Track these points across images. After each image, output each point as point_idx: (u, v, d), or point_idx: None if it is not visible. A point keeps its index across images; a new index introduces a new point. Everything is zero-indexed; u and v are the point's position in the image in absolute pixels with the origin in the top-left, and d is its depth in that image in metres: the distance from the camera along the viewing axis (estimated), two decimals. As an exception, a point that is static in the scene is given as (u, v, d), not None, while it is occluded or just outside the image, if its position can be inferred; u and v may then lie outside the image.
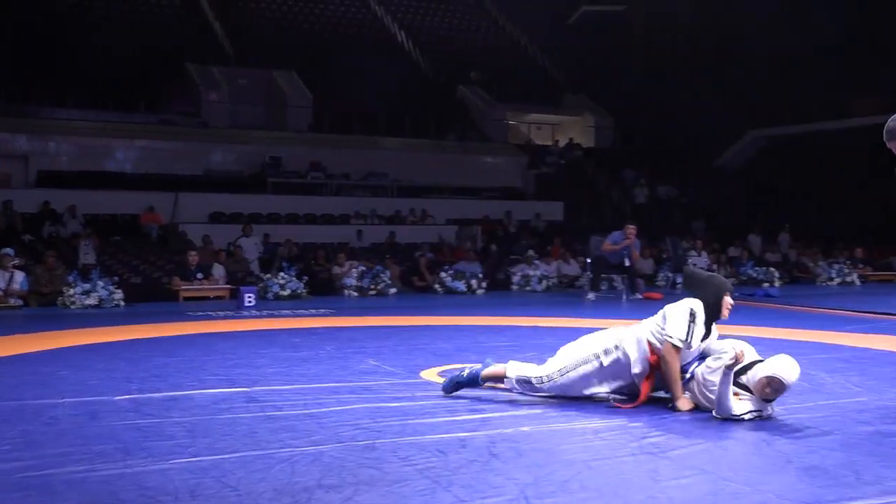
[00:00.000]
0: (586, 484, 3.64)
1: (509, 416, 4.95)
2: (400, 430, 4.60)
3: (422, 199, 23.28)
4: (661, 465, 3.96)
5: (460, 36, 33.44)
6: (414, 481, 3.66)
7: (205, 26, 28.87)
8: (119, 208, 20.29)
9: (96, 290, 12.97)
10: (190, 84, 25.49)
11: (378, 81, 27.08)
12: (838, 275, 18.48)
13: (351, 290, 15.25)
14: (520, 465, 3.92)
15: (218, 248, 16.91)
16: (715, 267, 18.33)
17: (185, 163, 22.83)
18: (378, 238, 20.47)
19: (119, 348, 8.04)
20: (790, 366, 4.86)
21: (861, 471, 3.83)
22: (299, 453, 4.11)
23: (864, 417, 4.93)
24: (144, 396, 5.53)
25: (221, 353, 7.60)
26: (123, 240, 18.28)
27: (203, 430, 4.56)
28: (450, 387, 5.59)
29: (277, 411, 5.07)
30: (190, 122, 24.29)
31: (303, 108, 25.46)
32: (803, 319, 11.07)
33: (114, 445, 4.23)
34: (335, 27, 30.88)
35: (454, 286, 15.90)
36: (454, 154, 25.70)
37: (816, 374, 6.48)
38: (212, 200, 20.90)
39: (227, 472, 3.76)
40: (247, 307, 12.66)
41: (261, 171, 22.95)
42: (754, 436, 4.50)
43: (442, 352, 7.72)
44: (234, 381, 6.10)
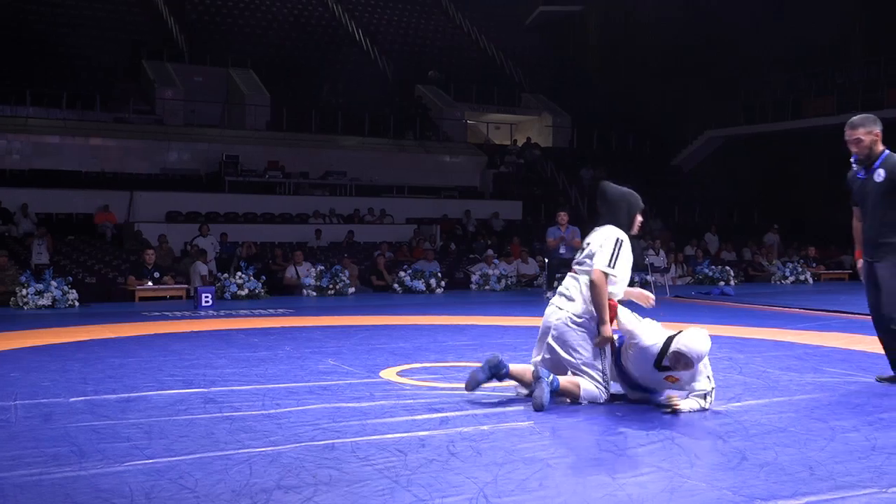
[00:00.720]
0: (545, 482, 3.66)
1: (468, 416, 4.95)
2: (359, 429, 4.59)
3: (380, 199, 23.23)
4: (619, 462, 3.99)
5: (419, 35, 33.44)
6: (373, 481, 3.66)
7: (160, 24, 28.57)
8: (73, 207, 19.99)
9: (50, 290, 12.78)
10: (145, 82, 25.21)
11: (336, 80, 27.01)
12: (792, 273, 18.76)
13: (310, 290, 15.18)
14: (479, 464, 3.93)
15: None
16: (672, 266, 18.52)
17: (141, 161, 22.57)
18: (337, 237, 20.39)
19: (73, 349, 7.93)
20: (696, 337, 4.95)
21: (814, 466, 3.90)
22: (258, 454, 4.08)
23: (818, 414, 5.01)
24: (100, 398, 5.46)
25: (178, 354, 7.52)
26: (77, 239, 18.01)
27: (159, 432, 4.51)
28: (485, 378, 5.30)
29: (235, 412, 5.03)
30: (145, 120, 24.02)
31: (260, 107, 25.29)
32: (758, 317, 11.22)
33: (68, 448, 4.17)
34: (293, 26, 30.71)
35: (413, 286, 15.89)
36: (413, 153, 25.69)
37: (771, 371, 6.58)
38: (168, 199, 20.67)
39: (185, 474, 3.73)
40: (204, 307, 12.54)
41: (218, 170, 22.74)
42: (710, 433, 4.55)
43: (401, 351, 7.72)
44: (191, 382, 6.05)
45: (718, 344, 8.23)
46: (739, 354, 7.54)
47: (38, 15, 25.98)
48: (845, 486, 3.62)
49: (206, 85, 25.85)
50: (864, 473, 3.80)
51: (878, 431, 4.57)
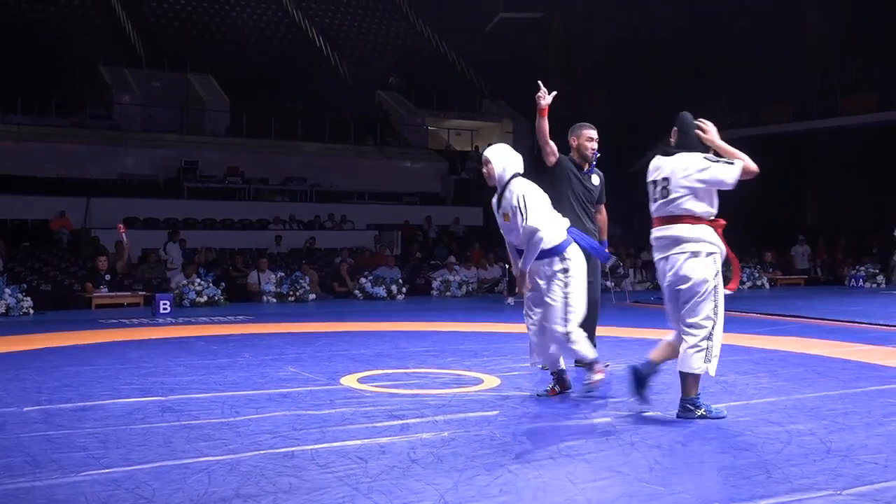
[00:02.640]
0: (505, 488, 3.67)
1: (429, 422, 4.95)
2: (319, 437, 4.57)
3: (341, 205, 23.14)
4: (578, 467, 4.01)
5: (379, 41, 33.41)
6: (334, 489, 3.64)
7: (118, 28, 28.25)
8: (28, 213, 19.67)
9: (3, 297, 12.57)
10: (103, 87, 24.89)
11: (296, 86, 26.88)
12: (749, 278, 18.99)
13: (270, 297, 15.09)
14: (439, 471, 3.93)
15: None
16: (632, 272, 18.66)
17: (98, 167, 22.25)
18: (297, 243, 20.28)
19: (28, 358, 7.80)
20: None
21: (771, 470, 3.95)
22: (216, 462, 4.04)
23: (774, 418, 5.07)
24: (55, 407, 5.38)
25: (136, 362, 7.43)
26: (33, 246, 17.72)
27: (116, 441, 4.46)
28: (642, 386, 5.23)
29: (194, 420, 4.99)
30: (103, 125, 23.68)
31: (220, 112, 25.09)
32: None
33: (22, 458, 4.11)
34: (252, 31, 30.51)
35: (374, 292, 15.86)
36: (374, 159, 25.64)
37: (728, 375, 6.65)
38: (125, 205, 20.38)
39: (142, 483, 3.69)
40: (162, 314, 12.42)
41: (177, 176, 22.52)
42: (669, 438, 4.59)
43: (362, 358, 7.69)
44: (148, 391, 5.98)
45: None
46: (698, 359, 7.60)
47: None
48: (802, 488, 3.67)
49: (164, 90, 25.58)
50: (819, 476, 3.86)
51: (832, 434, 4.64)
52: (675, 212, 5.09)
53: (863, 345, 8.76)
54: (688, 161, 5.09)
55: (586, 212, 6.57)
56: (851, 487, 3.69)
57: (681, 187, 5.06)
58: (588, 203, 6.67)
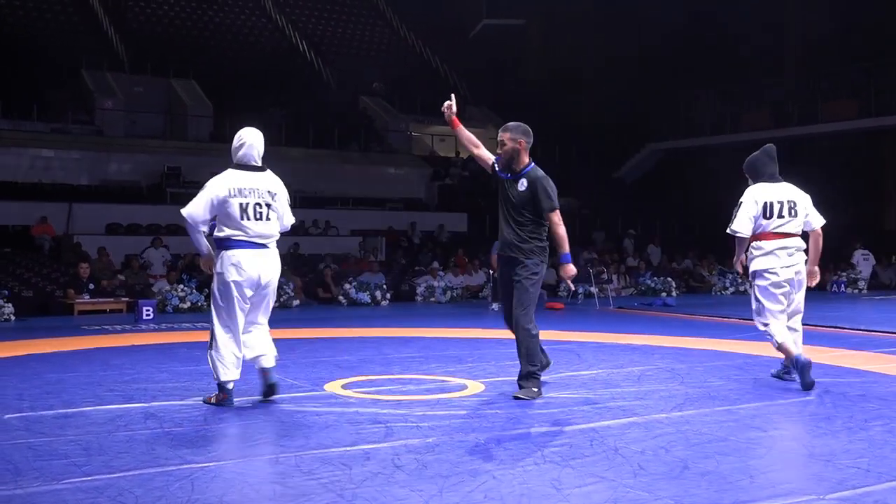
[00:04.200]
0: (490, 494, 3.67)
1: (413, 428, 4.95)
2: (303, 443, 4.56)
3: (325, 210, 23.09)
4: (563, 473, 4.01)
5: (363, 47, 33.40)
6: (318, 495, 3.63)
7: (100, 32, 28.12)
8: (9, 219, 19.51)
9: (-16, 304, 12.48)
10: (84, 91, 24.76)
11: (280, 91, 26.82)
12: (732, 284, 19.08)
13: (253, 303, 15.02)
14: (424, 477, 3.92)
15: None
16: (615, 278, 18.70)
17: (80, 172, 22.12)
18: (281, 249, 20.18)
19: (9, 365, 7.74)
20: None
21: (755, 475, 3.97)
22: (200, 469, 4.03)
23: (757, 423, 5.10)
24: (36, 414, 5.34)
25: (118, 369, 7.39)
26: (14, 252, 17.59)
27: (98, 448, 4.43)
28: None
29: (177, 427, 4.96)
30: (85, 130, 23.56)
31: (203, 118, 25.01)
32: (699, 328, 11.39)
33: (3, 466, 4.08)
34: (236, 36, 30.45)
35: (358, 298, 15.84)
36: (357, 165, 25.61)
37: (712, 380, 6.68)
38: (108, 211, 20.28)
39: (124, 491, 3.67)
40: (145, 321, 12.35)
41: (159, 182, 22.41)
42: (653, 443, 4.60)
43: (346, 364, 7.68)
44: (131, 397, 5.95)
45: (660, 354, 8.35)
46: (681, 364, 7.64)
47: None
48: (784, 493, 3.69)
49: (146, 95, 25.47)
50: (802, 481, 3.89)
51: (815, 439, 4.67)
52: (800, 228, 6.51)
53: (844, 350, 8.83)
54: (800, 190, 6.66)
55: (508, 219, 6.20)
56: (834, 492, 3.71)
57: (805, 209, 6.56)
58: (511, 210, 6.20)
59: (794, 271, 6.41)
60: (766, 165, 6.64)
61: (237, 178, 5.74)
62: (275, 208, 5.79)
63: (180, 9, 30.23)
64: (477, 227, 24.37)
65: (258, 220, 5.69)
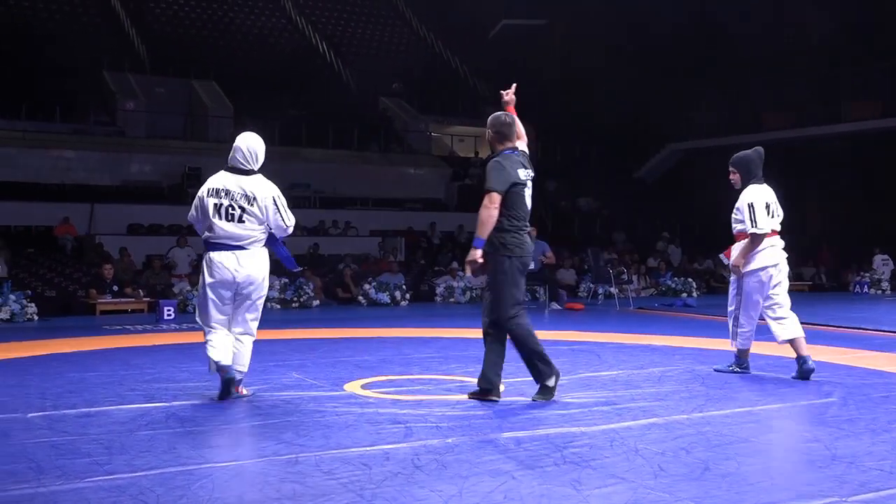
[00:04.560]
0: (510, 494, 3.67)
1: (433, 428, 4.95)
2: (323, 443, 4.57)
3: (345, 211, 23.16)
4: (583, 474, 4.00)
5: (382, 48, 33.47)
6: (338, 495, 3.64)
7: (122, 34, 28.32)
8: (33, 220, 19.71)
9: (8, 304, 12.58)
10: (106, 93, 24.96)
11: (300, 92, 26.92)
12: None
13: (273, 303, 15.10)
14: (443, 477, 3.92)
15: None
16: (635, 278, 18.64)
17: (102, 173, 22.32)
18: (300, 249, 20.29)
19: (32, 364, 7.81)
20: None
21: (776, 476, 3.95)
22: (220, 469, 4.04)
23: (779, 424, 5.07)
24: (59, 413, 5.38)
25: (140, 368, 7.44)
26: (37, 252, 17.76)
27: (120, 447, 4.45)
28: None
29: (198, 426, 4.99)
30: (106, 131, 23.76)
31: (223, 119, 25.15)
32: (720, 329, 11.28)
33: (26, 464, 4.10)
34: (256, 37, 30.59)
35: (378, 298, 15.87)
36: (377, 165, 25.67)
37: (732, 381, 6.65)
38: (129, 211, 20.45)
39: (146, 490, 3.69)
40: (166, 320, 12.43)
41: (180, 182, 22.55)
42: (673, 444, 4.58)
43: (366, 364, 7.69)
44: (153, 397, 5.98)
45: (681, 355, 8.32)
46: (701, 365, 7.61)
47: (-2, 26, 25.68)
48: (806, 495, 3.66)
49: (168, 96, 25.66)
50: (824, 483, 3.85)
51: (838, 441, 4.63)
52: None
53: (867, 351, 8.76)
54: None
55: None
56: (857, 494, 3.67)
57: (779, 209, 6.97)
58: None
59: (785, 266, 7.01)
60: (759, 167, 6.96)
61: (216, 180, 5.90)
62: (251, 212, 5.77)
63: (201, 10, 30.40)
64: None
65: (230, 221, 5.75)
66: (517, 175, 5.73)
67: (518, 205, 5.75)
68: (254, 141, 5.94)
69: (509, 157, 5.82)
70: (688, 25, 26.97)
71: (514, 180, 5.70)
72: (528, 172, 5.87)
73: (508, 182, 5.68)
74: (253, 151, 5.92)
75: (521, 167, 5.82)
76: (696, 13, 26.99)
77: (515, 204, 5.73)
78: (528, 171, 5.88)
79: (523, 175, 5.79)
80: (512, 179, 5.69)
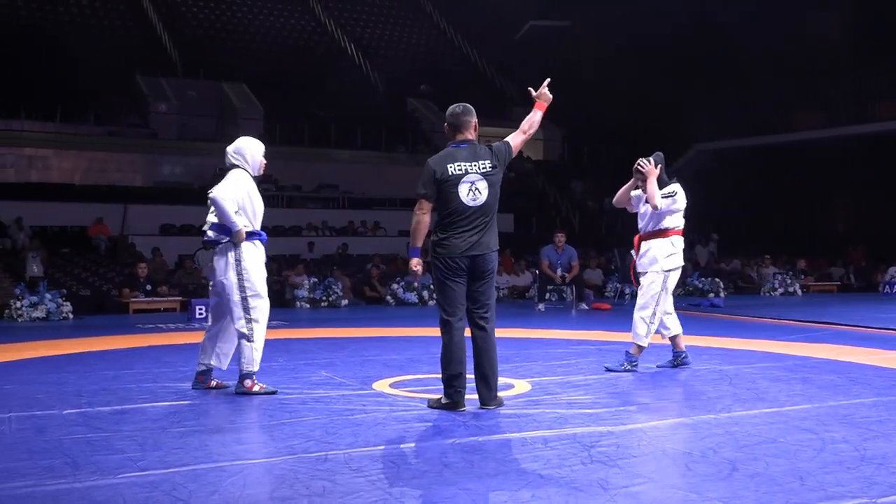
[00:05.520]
0: (537, 493, 3.68)
1: (460, 426, 4.98)
2: (352, 441, 4.62)
3: (373, 211, 23.25)
4: (610, 473, 4.02)
5: (410, 49, 33.53)
6: (366, 492, 3.68)
7: (154, 38, 28.60)
8: (67, 220, 19.99)
9: (44, 302, 12.77)
10: (139, 96, 25.23)
11: (328, 94, 27.04)
12: (781, 285, 18.82)
13: (303, 302, 15.20)
14: (471, 475, 3.95)
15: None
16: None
17: (135, 174, 22.61)
18: (329, 250, 20.40)
19: (67, 361, 7.93)
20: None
21: (805, 477, 3.93)
22: (251, 466, 4.10)
23: (807, 425, 5.05)
24: (94, 410, 5.47)
25: (172, 366, 7.53)
26: (72, 252, 18.01)
27: (153, 444, 4.53)
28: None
29: (229, 424, 5.05)
30: (139, 133, 24.03)
31: (253, 120, 25.31)
32: (748, 329, 11.27)
33: (62, 460, 4.19)
34: (285, 40, 30.77)
35: (406, 298, 15.92)
36: (405, 166, 25.68)
37: (760, 382, 6.62)
38: (161, 212, 20.68)
39: (178, 486, 3.74)
40: (198, 319, 12.55)
41: (211, 183, 22.69)
42: (701, 444, 4.58)
43: (394, 363, 7.74)
44: (184, 394, 6.06)
45: (708, 355, 8.29)
46: (729, 366, 7.58)
47: (32, 29, 26.01)
48: (835, 496, 3.65)
49: (199, 99, 25.88)
50: (853, 483, 3.84)
51: (867, 442, 4.61)
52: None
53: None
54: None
55: None
56: (886, 496, 3.65)
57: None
58: None
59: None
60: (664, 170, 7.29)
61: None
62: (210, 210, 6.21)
63: (231, 14, 30.62)
64: (523, 227, 24.35)
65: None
66: (445, 171, 5.47)
67: (447, 202, 5.47)
68: (238, 141, 6.67)
69: (449, 152, 5.61)
70: (718, 26, 26.78)
71: (441, 177, 5.46)
72: (471, 166, 5.53)
73: (431, 183, 5.48)
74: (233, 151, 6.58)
75: (457, 161, 5.54)
76: (728, 14, 26.77)
77: (445, 202, 5.48)
78: (472, 163, 5.54)
79: (455, 169, 5.50)
80: (436, 178, 5.47)
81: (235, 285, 6.02)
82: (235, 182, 6.16)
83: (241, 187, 6.18)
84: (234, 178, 6.19)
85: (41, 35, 25.63)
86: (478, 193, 5.48)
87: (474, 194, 5.47)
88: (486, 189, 5.50)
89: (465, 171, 5.50)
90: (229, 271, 6.01)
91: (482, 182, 5.51)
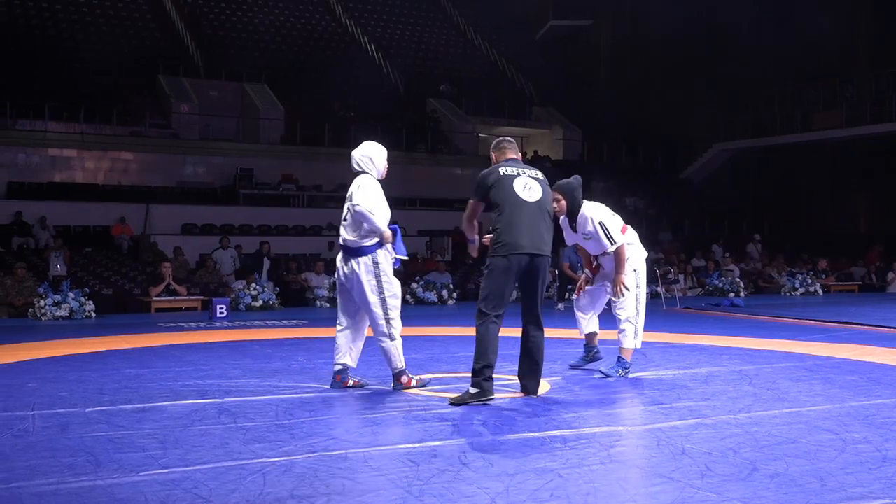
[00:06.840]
0: (556, 493, 3.69)
1: (480, 425, 4.99)
2: (372, 439, 4.63)
3: (393, 211, 23.19)
4: (630, 473, 4.02)
5: (430, 49, 33.57)
6: (386, 491, 3.69)
7: (176, 39, 28.79)
8: (90, 220, 20.15)
9: (67, 301, 12.87)
10: (161, 96, 25.40)
11: (349, 94, 27.13)
12: (801, 285, 18.69)
13: (323, 301, 15.25)
14: (490, 474, 3.96)
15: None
16: (682, 278, 18.48)
17: (157, 174, 22.76)
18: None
19: (90, 360, 8.00)
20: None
21: (825, 478, 3.91)
22: (271, 464, 4.12)
23: (828, 425, 5.02)
24: (116, 408, 5.52)
25: (193, 365, 7.58)
26: (94, 251, 18.14)
27: (175, 442, 4.56)
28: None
29: (249, 422, 5.08)
30: (161, 134, 24.19)
31: (274, 121, 25.44)
32: (768, 329, 11.21)
33: (84, 458, 4.22)
34: (306, 40, 30.88)
35: (425, 297, 15.93)
36: (425, 166, 25.77)
37: (781, 382, 6.59)
38: (183, 212, 20.81)
39: (199, 484, 3.77)
40: (219, 318, 12.61)
41: (233, 183, 22.89)
42: (721, 444, 4.57)
43: (413, 362, 7.72)
44: (206, 393, 6.10)
45: (728, 355, 8.26)
46: (749, 366, 7.54)
47: (56, 30, 26.26)
48: (856, 497, 3.64)
49: (221, 99, 26.01)
50: (875, 484, 3.82)
51: (888, 442, 4.58)
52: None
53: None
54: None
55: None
56: (907, 496, 3.64)
57: None
58: None
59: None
60: (580, 194, 6.95)
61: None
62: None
63: (253, 14, 30.76)
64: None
65: (343, 222, 6.42)
66: (497, 173, 5.97)
67: (504, 200, 5.89)
68: (360, 147, 6.57)
69: (499, 164, 6.10)
70: (737, 27, 26.66)
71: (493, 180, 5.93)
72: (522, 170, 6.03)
73: (483, 188, 6.00)
74: (358, 157, 6.53)
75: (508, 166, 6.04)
76: (747, 14, 26.66)
77: (502, 200, 5.90)
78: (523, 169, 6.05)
79: (508, 171, 5.97)
80: (488, 182, 5.96)
81: (374, 288, 6.13)
82: (372, 189, 6.34)
83: (376, 192, 6.39)
84: (367, 185, 6.32)
85: (65, 37, 25.87)
86: (532, 190, 5.89)
87: (529, 191, 5.88)
88: (540, 188, 5.95)
89: (517, 172, 5.95)
90: (369, 275, 6.14)
91: (535, 182, 5.95)
